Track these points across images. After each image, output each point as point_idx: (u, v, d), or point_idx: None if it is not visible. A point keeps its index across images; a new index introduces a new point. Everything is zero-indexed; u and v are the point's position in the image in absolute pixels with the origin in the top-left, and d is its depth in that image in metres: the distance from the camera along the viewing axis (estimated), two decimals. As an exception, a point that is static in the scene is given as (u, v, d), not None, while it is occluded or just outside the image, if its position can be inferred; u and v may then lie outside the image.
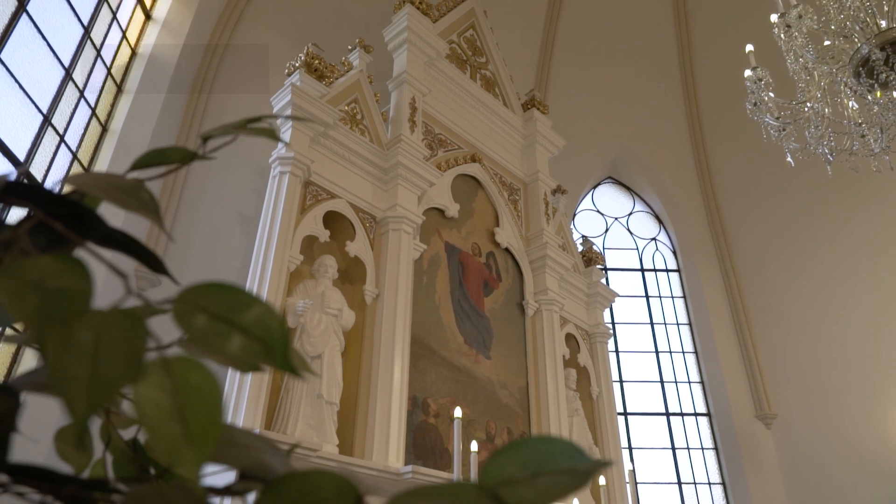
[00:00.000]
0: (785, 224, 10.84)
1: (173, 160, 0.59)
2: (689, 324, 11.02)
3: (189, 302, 0.39)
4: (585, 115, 11.27)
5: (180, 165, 0.60)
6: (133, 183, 0.55)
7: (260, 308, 0.39)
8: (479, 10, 8.55)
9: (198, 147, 0.60)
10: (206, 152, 0.62)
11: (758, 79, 5.09)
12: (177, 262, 6.20)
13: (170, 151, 0.59)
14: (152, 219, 0.51)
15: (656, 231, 11.91)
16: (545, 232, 7.67)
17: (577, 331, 7.87)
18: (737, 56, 7.95)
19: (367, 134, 6.26)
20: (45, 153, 5.14)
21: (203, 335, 0.38)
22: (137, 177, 0.56)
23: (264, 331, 0.39)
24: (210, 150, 0.61)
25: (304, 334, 4.85)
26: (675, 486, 9.63)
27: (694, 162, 11.72)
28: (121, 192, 0.53)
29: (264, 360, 0.38)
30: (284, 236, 5.06)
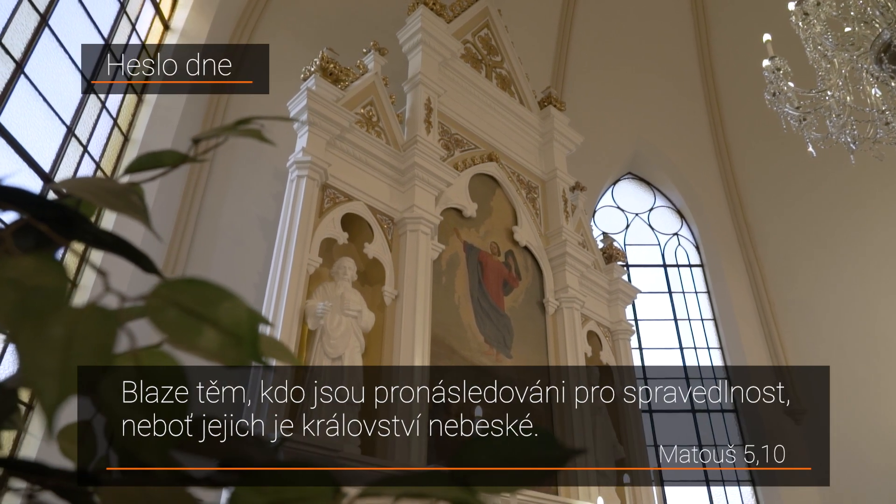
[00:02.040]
0: (810, 215, 10.63)
1: (166, 163, 0.61)
2: (714, 319, 10.87)
3: (162, 297, 0.40)
4: (603, 111, 11.17)
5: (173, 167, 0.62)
6: (123, 186, 0.56)
7: (230, 302, 0.40)
8: (493, 8, 8.53)
9: (189, 149, 0.61)
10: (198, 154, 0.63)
11: (776, 68, 5.00)
12: (199, 268, 6.30)
13: (163, 155, 0.61)
14: (141, 220, 0.53)
15: (678, 226, 11.77)
16: (564, 229, 7.63)
17: (599, 328, 7.81)
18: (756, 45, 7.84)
19: (383, 136, 6.29)
20: (69, 163, 5.26)
21: (174, 328, 0.39)
22: (132, 180, 0.58)
23: (234, 324, 0.40)
24: (202, 152, 0.63)
25: (324, 336, 4.89)
26: (703, 486, 9.50)
27: (715, 154, 11.56)
28: (111, 196, 0.55)
29: (234, 352, 0.39)
30: (303, 239, 5.12)
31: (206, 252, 6.41)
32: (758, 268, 10.78)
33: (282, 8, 8.22)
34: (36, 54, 4.81)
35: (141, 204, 0.54)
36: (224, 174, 6.94)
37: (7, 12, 4.60)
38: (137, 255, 0.58)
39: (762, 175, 11.18)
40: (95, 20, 5.60)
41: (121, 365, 0.35)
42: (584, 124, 9.46)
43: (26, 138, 4.66)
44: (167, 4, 7.00)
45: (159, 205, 6.05)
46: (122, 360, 0.36)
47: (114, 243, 0.59)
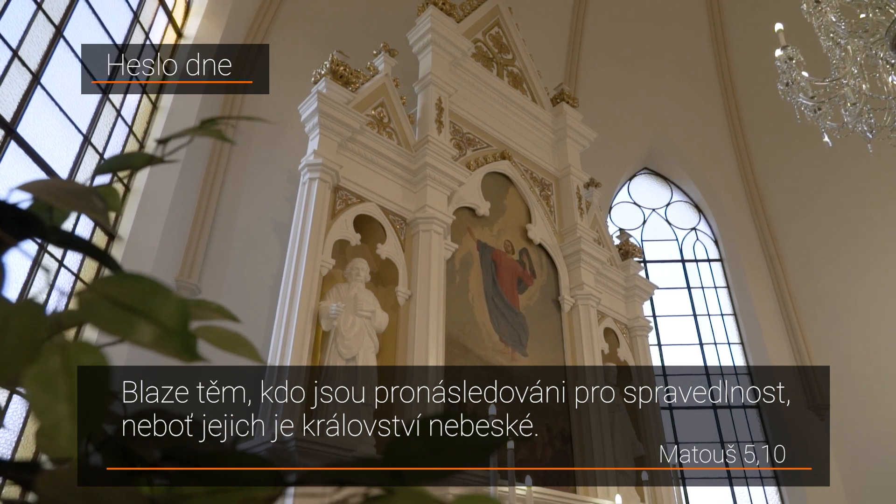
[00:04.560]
0: (832, 206, 10.44)
1: (136, 165, 0.63)
2: (734, 314, 10.73)
3: (97, 292, 0.41)
4: (617, 106, 11.08)
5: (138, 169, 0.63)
6: (83, 188, 0.57)
7: (163, 296, 0.41)
8: (503, 7, 8.51)
9: (155, 150, 0.63)
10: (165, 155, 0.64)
11: (788, 58, 4.93)
12: (215, 272, 6.37)
13: (132, 156, 0.62)
14: (101, 221, 0.54)
15: (696, 220, 11.64)
16: (579, 226, 7.59)
17: (616, 325, 7.75)
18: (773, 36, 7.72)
19: (394, 137, 6.31)
20: (86, 171, 5.35)
21: (106, 322, 0.40)
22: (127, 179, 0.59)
23: (164, 316, 0.40)
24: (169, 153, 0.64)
25: (338, 337, 4.92)
26: (726, 482, 9.38)
27: (732, 148, 11.40)
28: (72, 197, 0.56)
29: (164, 343, 0.40)
30: (315, 241, 5.15)
31: (222, 256, 6.49)
32: (778, 261, 10.62)
33: (293, 12, 8.29)
34: (52, 65, 4.91)
35: (101, 205, 0.55)
36: (238, 179, 7.02)
37: (23, 25, 4.70)
38: (99, 253, 0.59)
39: (781, 167, 11.00)
40: (109, 30, 5.69)
41: (45, 357, 0.36)
42: (599, 120, 9.39)
43: (43, 148, 4.76)
44: (180, 12, 7.09)
45: (175, 210, 6.13)
46: (48, 352, 0.37)
47: (81, 244, 0.61)
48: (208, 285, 6.27)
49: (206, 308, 0.51)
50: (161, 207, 5.98)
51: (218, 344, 0.51)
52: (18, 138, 4.56)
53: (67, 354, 0.37)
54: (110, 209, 0.59)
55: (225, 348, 0.50)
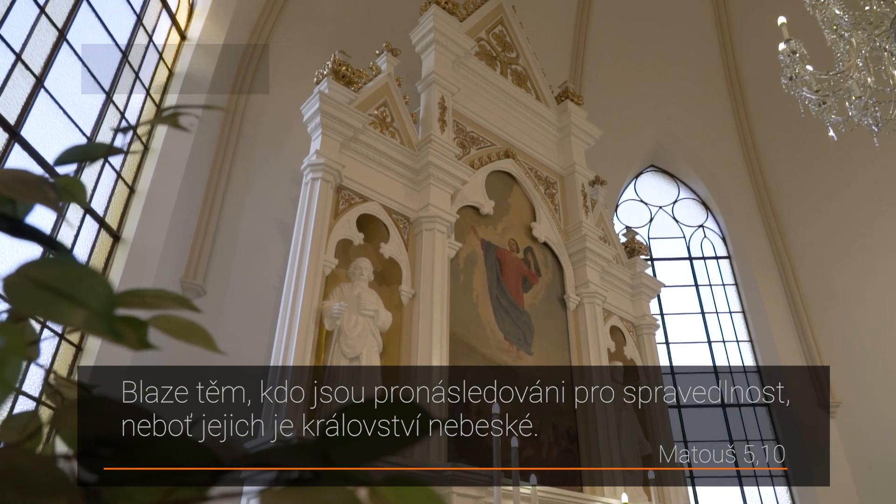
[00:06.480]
0: (841, 203, 10.34)
1: (96, 155, 0.62)
2: (742, 311, 10.65)
3: (23, 274, 0.41)
4: (623, 104, 11.03)
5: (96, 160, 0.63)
6: (35, 178, 0.57)
7: (88, 277, 0.41)
8: (507, 5, 8.49)
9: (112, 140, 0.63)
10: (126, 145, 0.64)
11: (792, 51, 4.88)
12: (219, 271, 6.40)
13: (91, 147, 0.62)
14: (54, 210, 0.54)
15: (703, 218, 11.57)
16: (584, 224, 7.56)
17: (623, 323, 7.72)
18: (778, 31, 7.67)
19: (397, 136, 6.31)
20: (90, 174, 5.38)
21: (31, 303, 0.39)
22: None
23: (89, 297, 0.40)
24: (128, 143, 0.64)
25: (341, 336, 4.92)
26: (736, 482, 9.31)
27: (739, 144, 11.32)
28: (23, 186, 0.56)
29: (90, 324, 0.40)
30: (318, 241, 5.16)
31: (226, 257, 6.51)
32: (787, 258, 10.53)
33: (296, 13, 8.31)
34: (55, 68, 4.94)
35: (53, 195, 0.54)
36: (243, 179, 7.04)
37: (26, 28, 4.74)
38: (52, 242, 0.59)
39: (789, 163, 10.92)
40: (112, 32, 5.73)
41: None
42: (604, 118, 9.35)
43: (47, 151, 4.79)
44: (183, 14, 7.13)
45: (179, 211, 6.16)
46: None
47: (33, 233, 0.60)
48: (213, 286, 6.29)
49: (165, 298, 0.50)
50: (165, 209, 6.01)
51: (172, 333, 0.50)
52: (22, 141, 4.60)
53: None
54: (76, 202, 0.58)
55: (179, 337, 0.50)
